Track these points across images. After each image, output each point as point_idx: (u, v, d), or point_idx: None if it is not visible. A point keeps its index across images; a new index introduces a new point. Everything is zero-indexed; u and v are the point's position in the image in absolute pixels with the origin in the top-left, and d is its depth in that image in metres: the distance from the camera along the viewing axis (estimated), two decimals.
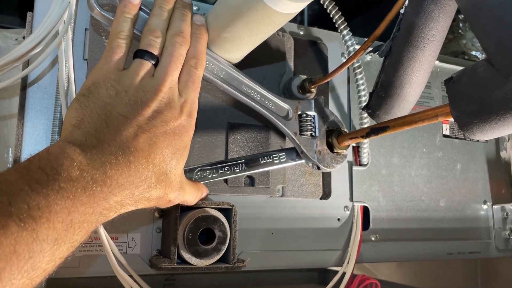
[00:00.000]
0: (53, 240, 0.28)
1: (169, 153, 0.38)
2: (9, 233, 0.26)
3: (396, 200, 0.68)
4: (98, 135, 0.34)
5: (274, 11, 0.38)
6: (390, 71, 0.46)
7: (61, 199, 0.29)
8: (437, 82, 0.75)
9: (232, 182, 0.55)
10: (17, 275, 0.26)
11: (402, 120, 0.44)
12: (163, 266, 0.47)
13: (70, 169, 0.30)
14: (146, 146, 0.36)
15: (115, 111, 0.36)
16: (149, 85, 0.38)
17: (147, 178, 0.35)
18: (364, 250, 0.64)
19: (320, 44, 0.66)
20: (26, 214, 0.27)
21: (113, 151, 0.33)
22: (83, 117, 0.35)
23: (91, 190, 0.31)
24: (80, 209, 0.30)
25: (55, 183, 0.29)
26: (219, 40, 0.45)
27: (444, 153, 0.73)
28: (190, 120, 0.41)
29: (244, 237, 0.56)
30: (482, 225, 0.75)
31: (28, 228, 0.27)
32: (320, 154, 0.53)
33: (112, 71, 0.38)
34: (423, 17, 0.42)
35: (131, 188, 0.34)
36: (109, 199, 0.32)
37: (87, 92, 0.37)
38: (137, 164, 0.34)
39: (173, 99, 0.39)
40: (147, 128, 0.36)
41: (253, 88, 0.51)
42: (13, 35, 0.60)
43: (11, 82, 0.48)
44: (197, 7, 0.58)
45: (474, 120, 0.35)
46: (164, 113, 0.38)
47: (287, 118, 0.53)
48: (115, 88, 0.37)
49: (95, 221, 0.32)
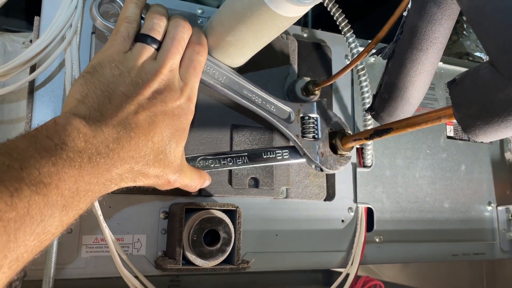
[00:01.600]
0: (62, 206, 0.29)
1: (167, 133, 0.39)
2: (23, 196, 0.27)
3: (400, 202, 0.68)
4: (101, 109, 0.35)
5: (277, 14, 0.38)
6: (393, 73, 0.47)
7: (68, 168, 0.30)
8: (441, 84, 0.75)
9: (237, 183, 0.56)
10: (29, 236, 0.27)
11: (405, 122, 0.44)
12: (168, 267, 0.47)
13: (77, 140, 0.31)
14: (146, 123, 0.37)
15: (118, 89, 0.37)
16: (150, 67, 0.40)
17: (146, 154, 0.37)
18: (368, 251, 0.64)
19: (323, 46, 0.66)
20: (37, 180, 0.28)
21: (115, 126, 0.35)
22: (88, 93, 0.36)
23: (95, 161, 0.32)
24: (85, 178, 0.31)
25: (62, 152, 0.30)
26: (223, 43, 0.45)
27: (449, 154, 0.73)
28: (189, 103, 0.42)
29: (248, 239, 0.57)
30: (486, 226, 0.75)
31: (40, 192, 0.28)
32: (322, 156, 0.53)
33: (116, 53, 0.39)
34: (426, 19, 0.42)
35: (131, 162, 0.35)
36: (111, 171, 0.34)
37: (92, 70, 0.38)
38: (137, 140, 0.36)
39: (173, 81, 0.41)
40: (147, 106, 0.38)
41: (254, 92, 0.51)
42: (20, 39, 0.60)
43: (19, 85, 0.49)
44: (201, 10, 0.58)
45: (477, 122, 0.35)
46: (163, 93, 0.39)
47: (289, 121, 0.53)
48: (119, 68, 0.38)
49: (98, 191, 0.33)
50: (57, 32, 0.48)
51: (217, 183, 0.55)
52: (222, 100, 0.57)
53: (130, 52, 0.40)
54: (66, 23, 0.48)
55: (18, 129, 0.56)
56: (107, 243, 0.49)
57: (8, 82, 0.51)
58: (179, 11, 0.57)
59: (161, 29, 0.42)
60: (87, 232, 0.50)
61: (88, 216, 0.50)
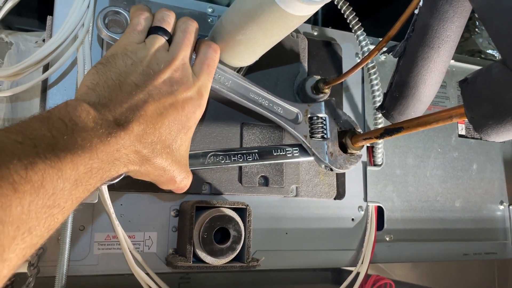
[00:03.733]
0: (74, 180, 0.30)
1: (175, 128, 0.39)
2: (37, 169, 0.27)
3: (411, 201, 0.68)
4: (111, 96, 0.36)
5: (288, 13, 0.38)
6: (404, 72, 0.46)
7: (81, 145, 0.31)
8: (452, 82, 0.74)
9: (247, 182, 0.56)
10: (41, 208, 0.28)
11: (416, 121, 0.44)
12: (179, 264, 0.48)
13: (87, 120, 0.32)
14: (154, 114, 0.37)
15: (129, 79, 0.38)
16: (162, 58, 0.40)
17: (153, 142, 0.37)
18: (378, 250, 0.64)
19: (334, 44, 0.66)
20: (51, 154, 0.28)
21: (124, 112, 0.35)
22: (99, 81, 0.37)
23: (106, 140, 0.33)
24: (99, 155, 0.32)
25: (73, 132, 0.31)
26: (233, 42, 0.45)
27: (460, 153, 0.73)
28: (199, 99, 0.42)
29: (258, 237, 0.57)
30: (498, 225, 0.74)
31: (54, 166, 0.28)
32: (332, 156, 0.53)
33: (130, 44, 0.40)
34: (438, 17, 0.42)
35: (139, 146, 0.36)
36: (120, 151, 0.34)
37: (105, 61, 0.39)
38: (145, 127, 0.36)
39: (185, 74, 0.41)
40: (157, 97, 0.38)
41: (260, 94, 0.51)
42: (33, 38, 0.61)
43: (32, 84, 0.49)
44: (211, 9, 0.58)
45: (489, 121, 0.35)
46: (174, 85, 0.40)
47: (296, 122, 0.53)
48: (131, 58, 0.39)
49: (108, 170, 0.34)
50: (69, 32, 0.48)
51: (227, 181, 0.55)
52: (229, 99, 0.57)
53: (144, 43, 0.41)
54: (79, 22, 0.49)
55: None
56: (119, 240, 0.49)
57: (21, 81, 0.52)
58: (190, 10, 0.57)
59: (171, 21, 0.44)
60: (99, 229, 0.51)
61: (100, 214, 0.51)
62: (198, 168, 0.51)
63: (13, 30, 0.64)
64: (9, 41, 0.59)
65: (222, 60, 0.51)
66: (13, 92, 0.50)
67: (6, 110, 0.57)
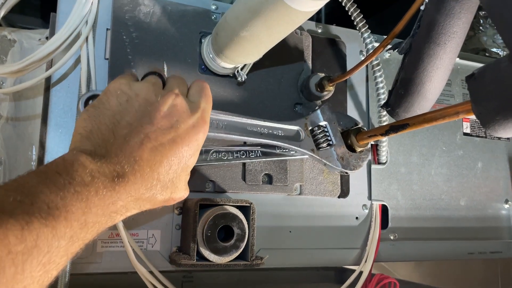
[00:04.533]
0: (69, 237, 0.30)
1: (176, 161, 0.38)
2: (33, 228, 0.28)
3: (416, 199, 0.67)
4: (106, 145, 0.35)
5: (292, 9, 0.38)
6: (410, 69, 0.46)
7: (76, 201, 0.31)
8: (457, 80, 0.74)
9: (250, 180, 0.56)
10: (36, 267, 0.28)
11: (422, 118, 0.44)
12: (183, 262, 0.47)
13: (83, 174, 0.32)
14: (151, 155, 0.36)
15: (123, 120, 0.37)
16: (159, 91, 0.40)
17: (153, 186, 0.36)
18: (382, 249, 0.63)
19: (338, 42, 0.65)
20: (47, 213, 0.29)
21: (120, 161, 0.35)
22: (92, 128, 0.36)
23: (101, 194, 0.33)
24: (93, 210, 0.32)
25: (70, 187, 0.31)
26: (237, 39, 0.45)
27: (465, 151, 0.72)
28: (203, 125, 0.41)
29: (262, 235, 0.57)
30: (503, 224, 0.73)
31: (49, 225, 0.29)
32: (343, 160, 0.52)
33: (124, 82, 0.40)
34: (444, 13, 0.42)
35: (137, 195, 0.36)
36: (116, 204, 0.34)
37: (97, 103, 0.38)
38: (142, 173, 0.35)
39: (184, 105, 0.40)
40: (154, 136, 0.37)
41: (258, 124, 0.51)
42: (36, 36, 0.61)
43: (36, 82, 0.49)
44: (215, 6, 0.58)
45: (496, 117, 0.34)
46: (173, 118, 0.38)
47: (299, 139, 0.53)
48: (126, 94, 0.38)
49: (104, 223, 0.34)
50: (72, 29, 0.48)
51: (230, 179, 0.55)
52: (233, 96, 0.57)
53: (138, 81, 0.41)
54: (82, 19, 0.49)
55: (34, 124, 0.56)
56: (122, 238, 0.49)
57: (25, 78, 0.52)
58: (193, 7, 0.57)
59: (164, 70, 0.44)
60: None
61: None
62: (200, 164, 0.51)
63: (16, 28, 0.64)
64: (12, 38, 0.59)
65: (226, 58, 0.51)
66: (17, 89, 0.50)
67: (10, 108, 0.57)
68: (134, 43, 0.53)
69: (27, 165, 0.56)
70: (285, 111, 0.59)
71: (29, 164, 0.56)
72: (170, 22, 0.55)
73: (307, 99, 0.60)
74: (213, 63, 0.54)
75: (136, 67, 0.52)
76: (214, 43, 0.51)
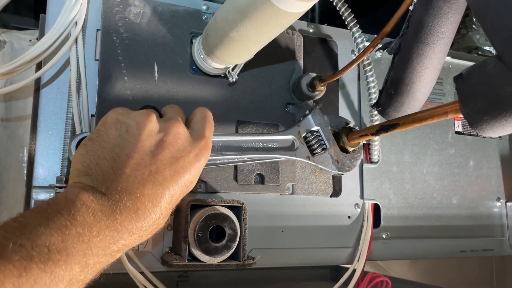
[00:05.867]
0: (68, 280, 0.30)
1: (177, 191, 0.37)
2: (30, 275, 0.27)
3: (408, 198, 0.67)
4: (106, 182, 0.34)
5: (281, 10, 0.38)
6: (399, 68, 0.46)
7: (77, 243, 0.30)
8: (449, 79, 0.74)
9: (242, 180, 0.56)
10: None
11: (412, 117, 0.44)
12: (174, 263, 0.47)
13: (86, 215, 0.32)
14: (153, 190, 0.35)
15: (123, 154, 0.36)
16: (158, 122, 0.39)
17: (155, 220, 0.36)
18: (375, 247, 0.64)
19: (330, 41, 0.66)
20: (46, 258, 0.29)
21: (121, 199, 0.34)
22: (90, 164, 0.35)
23: (103, 235, 0.32)
24: (94, 251, 0.31)
25: (72, 228, 0.31)
26: (227, 39, 0.45)
27: (457, 150, 0.72)
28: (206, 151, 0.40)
29: (254, 235, 0.57)
30: (495, 222, 0.74)
31: (47, 270, 0.28)
32: (338, 163, 0.53)
33: (122, 112, 0.39)
34: (432, 13, 0.42)
35: (140, 232, 0.35)
36: (118, 243, 0.34)
37: (95, 136, 0.37)
38: (144, 209, 0.35)
39: (185, 134, 0.39)
40: (155, 169, 0.36)
41: (252, 140, 0.51)
42: (27, 37, 0.61)
43: (25, 83, 0.49)
44: (206, 6, 0.58)
45: (484, 117, 0.35)
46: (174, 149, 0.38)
47: (294, 148, 0.54)
48: (125, 124, 0.37)
49: (105, 262, 0.34)
50: (62, 30, 0.48)
51: (222, 180, 0.55)
52: (224, 97, 0.57)
53: (136, 111, 0.40)
54: (71, 20, 0.49)
55: (25, 126, 0.56)
56: None
57: (15, 79, 0.52)
58: (184, 7, 0.57)
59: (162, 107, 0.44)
60: None
61: None
62: None
63: (9, 28, 0.63)
64: (3, 39, 0.59)
65: (217, 58, 0.51)
66: (7, 90, 0.50)
67: (0, 109, 0.57)
68: (125, 44, 0.53)
69: (18, 167, 0.56)
70: (277, 111, 0.59)
71: (20, 166, 0.56)
72: (161, 23, 0.55)
73: (298, 99, 0.60)
74: (204, 64, 0.54)
75: (126, 68, 0.52)
76: (205, 43, 0.51)
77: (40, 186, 0.48)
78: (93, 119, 0.50)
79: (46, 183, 0.48)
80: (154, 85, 0.53)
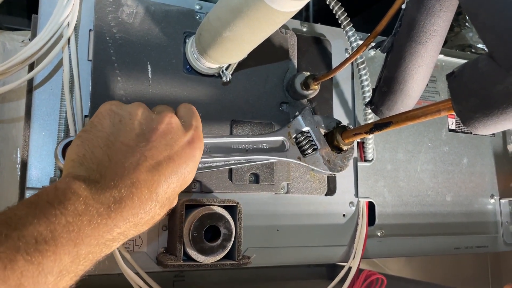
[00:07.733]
0: (58, 271, 0.29)
1: (174, 180, 0.37)
2: (16, 267, 0.26)
3: (402, 195, 0.68)
4: (100, 170, 0.34)
5: (273, 9, 0.38)
6: (392, 67, 0.46)
7: (67, 232, 0.30)
8: (442, 76, 0.74)
9: (237, 179, 0.56)
10: None
11: (405, 116, 0.44)
12: (169, 263, 0.47)
13: (77, 203, 0.31)
14: (149, 175, 0.35)
15: (118, 141, 0.36)
16: (151, 113, 0.40)
17: (151, 208, 0.35)
18: (370, 245, 0.64)
19: (323, 40, 0.66)
20: (33, 248, 0.28)
21: (116, 185, 0.34)
22: (85, 153, 0.35)
23: (95, 223, 0.31)
24: (85, 241, 0.31)
25: (61, 217, 0.30)
26: (220, 39, 0.45)
27: (450, 147, 0.73)
28: (199, 141, 0.41)
29: (249, 234, 0.57)
30: (489, 219, 0.74)
31: (34, 262, 0.27)
32: (330, 163, 0.53)
33: (115, 103, 0.39)
34: (425, 12, 0.42)
35: (135, 220, 0.34)
36: (113, 231, 0.33)
37: (89, 127, 0.37)
38: (139, 195, 0.34)
39: (176, 124, 0.40)
40: (150, 154, 0.36)
41: (241, 141, 0.52)
42: (19, 37, 0.60)
43: (18, 84, 0.49)
44: (199, 6, 0.58)
45: (476, 114, 0.35)
46: (168, 136, 0.38)
47: (284, 149, 0.54)
48: (118, 114, 0.38)
49: (99, 252, 0.33)
50: (54, 31, 0.48)
51: (217, 179, 0.55)
52: (218, 96, 0.57)
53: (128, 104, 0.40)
54: (64, 21, 0.48)
55: (18, 127, 0.56)
56: None
57: (8, 80, 0.52)
58: (177, 7, 0.56)
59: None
60: None
61: None
62: None
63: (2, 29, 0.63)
64: None
65: (210, 58, 0.51)
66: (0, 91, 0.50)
67: None
68: (118, 44, 0.52)
69: (12, 168, 0.56)
70: (271, 110, 0.59)
71: (13, 167, 0.56)
72: (154, 23, 0.55)
73: (293, 98, 0.60)
74: (197, 63, 0.54)
75: (119, 69, 0.52)
76: (198, 43, 0.51)
77: (33, 187, 0.48)
78: (87, 120, 0.50)
79: (39, 184, 0.48)
80: (148, 85, 0.53)
